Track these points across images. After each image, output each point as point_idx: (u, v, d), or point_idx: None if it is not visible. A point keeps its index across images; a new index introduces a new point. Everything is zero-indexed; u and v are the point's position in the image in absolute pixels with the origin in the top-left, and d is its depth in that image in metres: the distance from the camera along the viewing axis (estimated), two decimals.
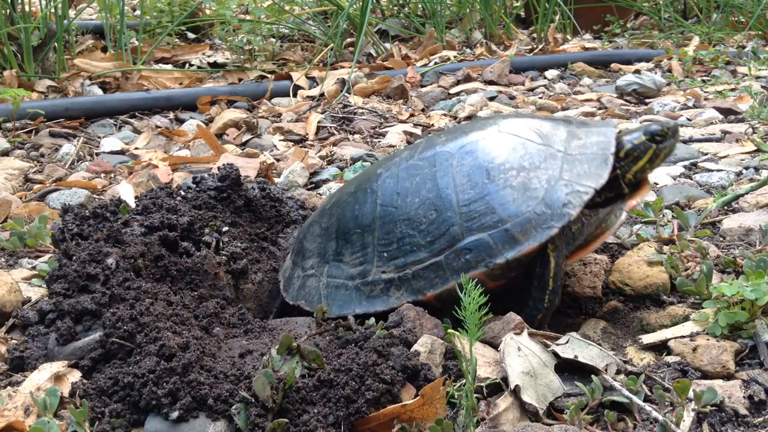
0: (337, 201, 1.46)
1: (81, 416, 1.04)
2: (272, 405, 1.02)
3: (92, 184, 2.18)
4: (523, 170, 1.26)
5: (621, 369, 1.17)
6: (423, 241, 1.28)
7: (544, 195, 1.23)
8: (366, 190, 1.39)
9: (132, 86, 3.32)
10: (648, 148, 1.31)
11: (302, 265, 1.46)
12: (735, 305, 1.25)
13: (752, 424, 1.05)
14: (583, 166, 1.26)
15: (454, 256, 1.25)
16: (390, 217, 1.32)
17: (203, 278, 1.42)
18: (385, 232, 1.32)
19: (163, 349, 1.12)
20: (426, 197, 1.30)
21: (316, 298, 1.37)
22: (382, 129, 2.78)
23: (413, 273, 1.28)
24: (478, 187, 1.26)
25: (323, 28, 4.43)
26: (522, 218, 1.22)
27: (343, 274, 1.36)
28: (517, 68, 3.71)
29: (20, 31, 3.19)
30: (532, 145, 1.30)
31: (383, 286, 1.31)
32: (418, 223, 1.29)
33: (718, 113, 2.76)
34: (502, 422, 1.05)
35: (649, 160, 1.32)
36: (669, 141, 1.33)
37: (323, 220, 1.46)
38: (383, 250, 1.31)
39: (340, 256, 1.37)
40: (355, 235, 1.36)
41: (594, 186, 1.23)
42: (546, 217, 1.21)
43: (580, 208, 1.22)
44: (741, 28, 4.65)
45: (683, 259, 1.47)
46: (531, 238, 1.21)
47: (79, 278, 1.30)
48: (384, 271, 1.31)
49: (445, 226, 1.26)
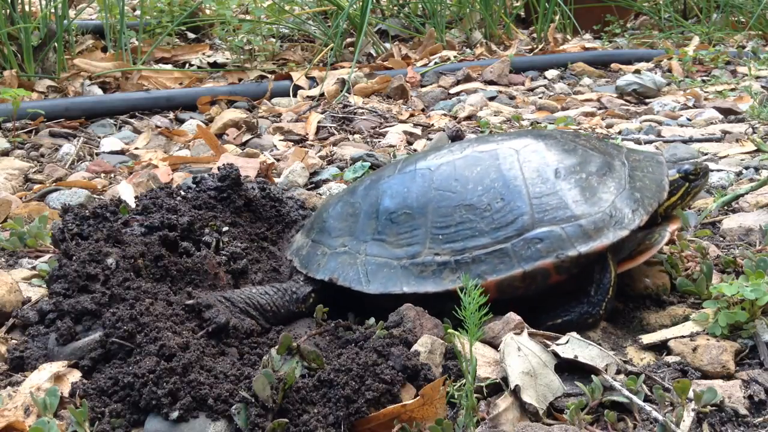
0: (373, 183, 1.45)
1: (81, 416, 1.04)
2: (272, 405, 1.02)
3: (92, 184, 2.18)
4: (591, 175, 1.33)
5: (621, 369, 1.17)
6: (487, 228, 1.28)
7: (614, 200, 1.29)
8: (414, 174, 1.38)
9: (132, 86, 3.32)
10: (681, 186, 1.42)
11: (327, 243, 1.41)
12: (735, 305, 1.25)
13: (752, 424, 1.05)
14: (645, 182, 1.35)
15: (522, 243, 1.26)
16: (447, 201, 1.32)
17: (203, 278, 1.42)
18: (441, 215, 1.31)
19: (163, 349, 1.12)
20: (491, 186, 1.31)
21: (353, 275, 1.33)
22: (382, 129, 2.78)
23: (473, 257, 1.27)
24: (549, 183, 1.30)
25: (323, 28, 4.43)
26: (595, 217, 1.27)
27: (387, 253, 1.33)
28: (517, 68, 3.71)
29: (20, 31, 3.19)
30: (595, 154, 1.38)
31: (436, 268, 1.28)
32: (481, 210, 1.30)
33: (718, 113, 2.76)
34: (502, 422, 1.05)
35: (681, 197, 1.42)
36: (700, 181, 1.43)
37: (353, 199, 1.44)
38: (438, 232, 1.30)
39: (382, 236, 1.34)
40: (403, 215, 1.34)
41: (658, 201, 1.33)
42: (617, 220, 1.27)
43: (647, 216, 1.29)
44: (741, 28, 4.66)
45: (683, 259, 1.47)
46: (603, 236, 1.25)
47: (79, 278, 1.30)
48: (438, 253, 1.29)
49: (513, 215, 1.28)
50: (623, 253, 1.35)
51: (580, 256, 1.24)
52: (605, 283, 1.28)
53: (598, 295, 1.29)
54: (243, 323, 1.28)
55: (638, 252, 1.36)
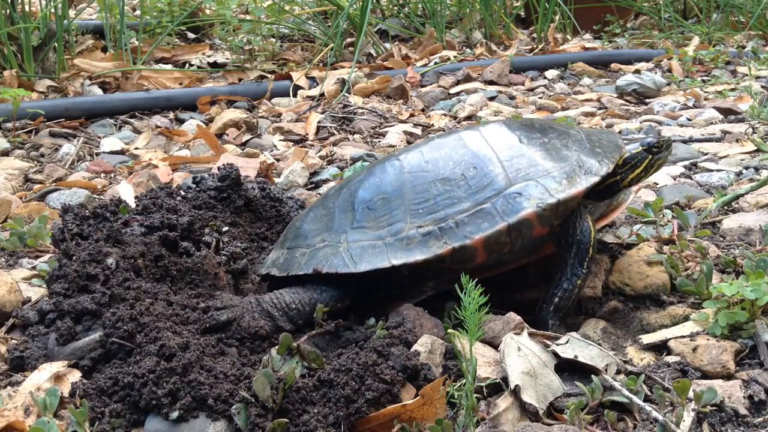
0: (344, 185, 1.47)
1: (81, 416, 1.04)
2: (272, 405, 1.02)
3: (92, 184, 2.18)
4: (552, 139, 1.41)
5: (621, 369, 1.17)
6: (465, 194, 1.32)
7: (579, 155, 1.37)
8: (384, 167, 1.42)
9: (132, 86, 3.32)
10: (644, 159, 1.46)
11: (305, 243, 1.41)
12: (735, 305, 1.25)
13: (752, 424, 1.05)
14: (602, 143, 1.44)
15: (503, 201, 1.30)
16: (422, 179, 1.36)
17: (203, 278, 1.42)
18: (417, 192, 1.35)
19: (163, 349, 1.12)
20: (461, 160, 1.36)
21: (338, 261, 1.32)
22: (382, 129, 2.77)
23: (456, 222, 1.30)
24: (515, 148, 1.37)
25: (323, 28, 4.43)
26: (566, 169, 1.34)
27: (369, 236, 1.34)
28: (517, 68, 3.71)
29: (20, 31, 3.19)
30: (552, 126, 1.47)
31: (421, 239, 1.31)
32: (456, 180, 1.34)
33: (718, 113, 2.76)
34: (502, 422, 1.05)
35: (645, 169, 1.47)
36: (663, 153, 1.48)
37: (325, 203, 1.47)
38: (417, 207, 1.33)
39: (362, 223, 1.36)
40: (379, 201, 1.37)
41: (619, 154, 1.42)
42: (586, 170, 1.35)
43: (612, 165, 1.37)
44: (741, 28, 4.66)
45: (683, 259, 1.47)
46: (578, 183, 1.32)
47: (79, 278, 1.30)
48: (420, 225, 1.32)
49: (488, 178, 1.33)
50: (594, 216, 1.44)
51: (559, 204, 1.29)
52: (585, 243, 1.32)
53: (578, 258, 1.32)
54: (253, 323, 1.27)
55: (610, 211, 1.46)
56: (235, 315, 1.26)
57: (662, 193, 1.92)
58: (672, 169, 2.14)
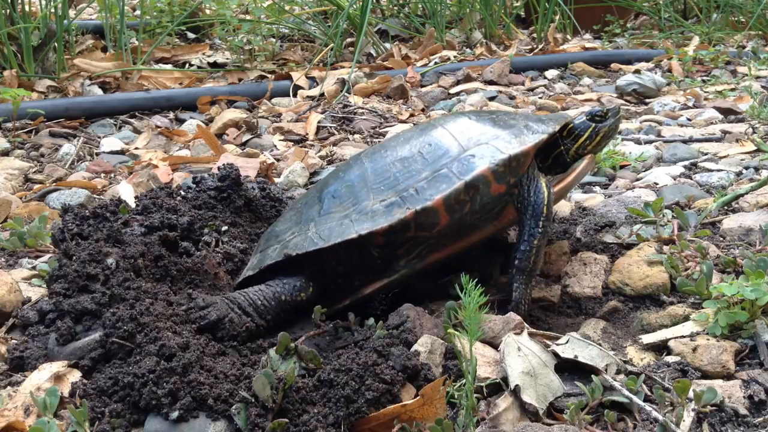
0: (311, 189, 1.54)
1: (81, 416, 1.04)
2: (272, 405, 1.02)
3: (92, 184, 2.18)
4: (501, 116, 1.48)
5: (621, 369, 1.17)
6: (422, 166, 1.38)
7: (526, 123, 1.44)
8: (348, 164, 1.48)
9: (132, 86, 3.32)
10: (587, 127, 1.51)
11: (277, 240, 1.44)
12: (735, 305, 1.25)
13: (752, 424, 1.05)
14: (549, 117, 1.51)
15: (458, 164, 1.36)
16: (381, 163, 1.42)
17: (203, 278, 1.43)
18: (378, 174, 1.40)
19: (163, 349, 1.12)
20: (417, 142, 1.43)
21: (307, 244, 1.36)
22: (382, 129, 2.78)
23: (417, 189, 1.35)
24: (467, 124, 1.44)
25: (323, 28, 4.43)
26: (515, 131, 1.41)
27: (336, 218, 1.39)
28: (517, 68, 3.71)
29: (20, 31, 3.19)
30: (503, 112, 1.54)
31: (384, 210, 1.35)
32: (413, 157, 1.40)
33: (718, 113, 2.76)
34: (502, 422, 1.05)
35: (589, 138, 1.51)
36: (608, 121, 1.52)
37: (295, 205, 1.53)
38: (379, 185, 1.39)
39: (329, 211, 1.41)
40: (344, 189, 1.42)
41: (564, 121, 1.50)
42: (533, 131, 1.42)
43: (558, 126, 1.46)
44: (741, 28, 4.66)
45: (683, 259, 1.47)
46: (527, 141, 1.38)
47: (79, 278, 1.30)
48: (383, 199, 1.37)
49: (443, 149, 1.39)
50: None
51: (511, 159, 1.35)
52: (539, 200, 1.36)
53: (533, 219, 1.35)
54: (240, 320, 1.28)
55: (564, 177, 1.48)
56: (223, 313, 1.27)
57: (662, 193, 1.92)
58: (672, 169, 2.14)
